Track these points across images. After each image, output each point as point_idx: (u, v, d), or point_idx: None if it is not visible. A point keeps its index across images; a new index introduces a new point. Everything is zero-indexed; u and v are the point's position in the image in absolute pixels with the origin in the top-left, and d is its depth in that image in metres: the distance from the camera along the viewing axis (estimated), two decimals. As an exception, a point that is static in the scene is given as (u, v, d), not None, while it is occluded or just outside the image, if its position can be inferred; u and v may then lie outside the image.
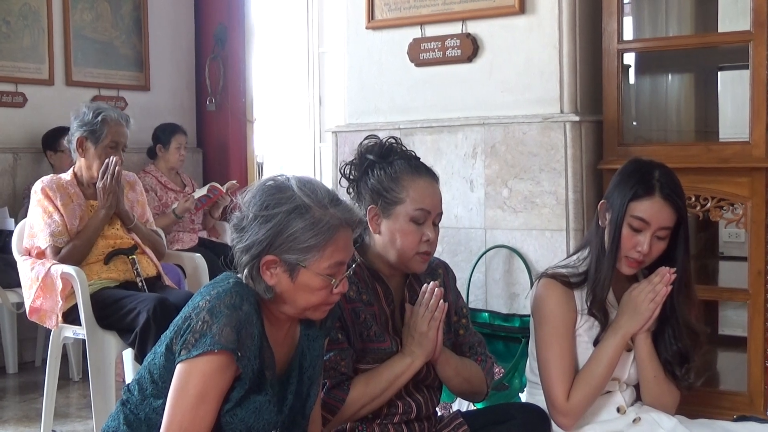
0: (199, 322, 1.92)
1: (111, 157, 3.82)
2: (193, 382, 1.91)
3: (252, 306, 1.98)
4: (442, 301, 2.38)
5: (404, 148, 2.48)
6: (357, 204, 2.45)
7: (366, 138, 2.50)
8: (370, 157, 2.43)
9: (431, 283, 2.41)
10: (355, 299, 2.39)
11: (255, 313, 1.98)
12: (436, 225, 2.42)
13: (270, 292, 2.02)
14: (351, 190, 2.48)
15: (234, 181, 5.85)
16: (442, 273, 2.60)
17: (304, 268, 1.99)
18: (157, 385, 2.02)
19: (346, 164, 2.49)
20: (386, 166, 2.41)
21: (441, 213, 2.45)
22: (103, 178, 3.80)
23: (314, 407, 2.23)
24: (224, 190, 5.60)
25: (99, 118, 3.83)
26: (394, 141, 2.47)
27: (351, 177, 2.48)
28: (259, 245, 1.99)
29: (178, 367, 1.94)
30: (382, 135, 2.53)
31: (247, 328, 1.95)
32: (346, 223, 2.04)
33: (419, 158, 2.49)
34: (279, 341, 2.10)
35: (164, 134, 5.67)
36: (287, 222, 1.98)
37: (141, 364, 2.14)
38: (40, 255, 3.78)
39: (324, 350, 2.26)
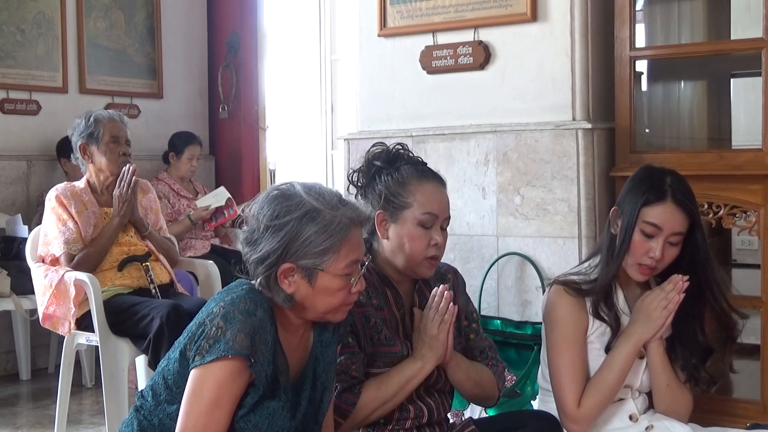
0: (213, 328, 1.93)
1: (128, 165, 3.85)
2: (207, 388, 1.92)
3: (266, 312, 1.99)
4: (452, 304, 2.39)
5: (411, 154, 2.49)
6: None
7: (373, 145, 2.52)
8: (378, 163, 2.45)
9: (441, 286, 2.42)
10: (366, 303, 2.40)
11: (269, 320, 1.99)
12: (444, 229, 2.43)
13: (290, 300, 2.03)
14: (359, 196, 2.49)
15: (229, 197, 5.84)
16: (452, 278, 2.60)
17: (322, 271, 2.00)
18: (171, 390, 2.02)
19: (354, 171, 2.51)
20: (393, 172, 2.42)
21: (449, 217, 2.45)
22: (119, 186, 3.82)
23: (327, 414, 2.23)
24: (239, 211, 5.62)
25: (91, 119, 3.88)
26: (401, 147, 2.49)
27: (359, 184, 2.49)
28: (273, 254, 2.00)
29: (192, 373, 1.94)
30: (394, 142, 2.54)
31: (261, 334, 1.95)
32: (357, 221, 2.05)
33: (426, 163, 2.50)
34: (293, 347, 2.11)
35: (180, 142, 5.70)
36: (299, 228, 1.99)
37: (154, 371, 2.15)
38: (54, 262, 3.79)
39: (337, 356, 2.26)
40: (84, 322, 3.73)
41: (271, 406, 2.01)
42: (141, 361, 3.87)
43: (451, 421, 2.62)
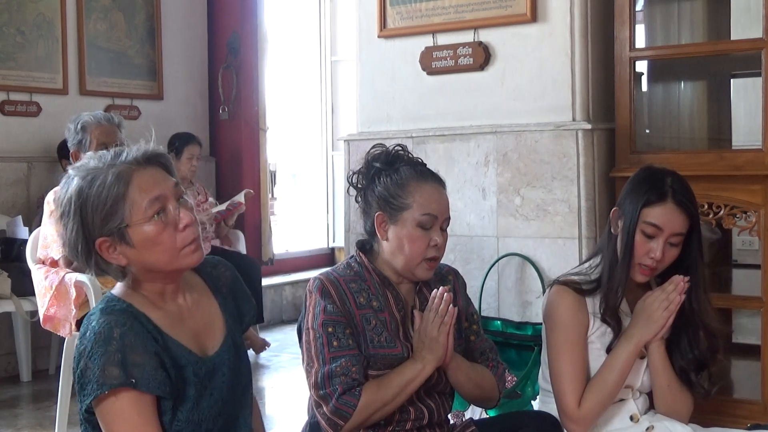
0: (82, 370, 1.87)
1: None
2: (120, 424, 1.86)
3: (124, 325, 1.88)
4: (451, 305, 2.38)
5: (410, 155, 2.49)
6: (365, 213, 2.47)
7: (373, 146, 2.51)
8: (377, 164, 2.45)
9: (440, 288, 2.42)
10: (366, 306, 2.40)
11: (131, 330, 1.88)
12: (443, 230, 2.43)
13: (124, 273, 1.96)
14: (359, 198, 2.49)
15: (250, 190, 5.87)
16: (452, 279, 2.60)
17: (129, 226, 1.90)
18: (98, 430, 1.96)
19: (354, 173, 2.51)
20: (392, 173, 2.42)
21: (448, 218, 2.45)
22: None
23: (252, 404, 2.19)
24: (243, 202, 5.62)
25: (79, 126, 3.87)
26: (400, 148, 2.49)
27: (359, 186, 2.49)
28: (79, 237, 1.92)
29: (98, 417, 1.88)
30: (394, 143, 2.53)
31: (130, 351, 1.86)
32: (139, 162, 1.93)
33: (425, 164, 2.50)
34: (187, 314, 2.04)
35: (179, 142, 5.71)
36: (83, 201, 1.90)
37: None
38: (54, 265, 3.80)
39: (243, 339, 2.20)
40: (84, 324, 3.73)
41: (190, 398, 1.95)
42: (141, 362, 3.87)
43: (451, 422, 2.62)
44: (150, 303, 1.99)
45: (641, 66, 3.93)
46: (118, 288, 2.01)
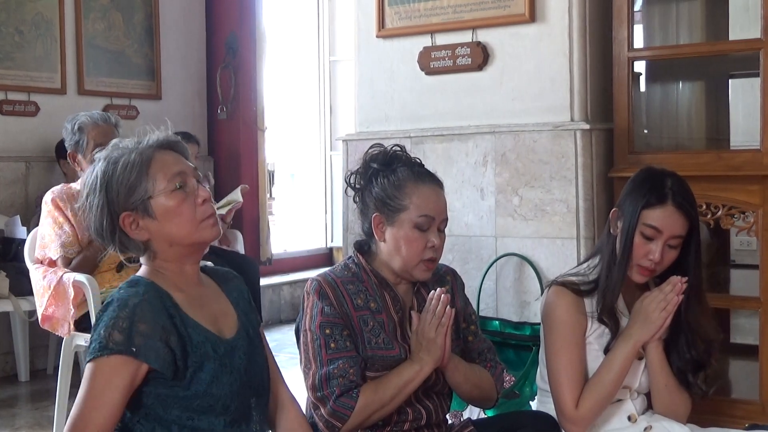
0: (95, 332, 1.96)
1: None
2: (86, 383, 1.93)
3: (140, 297, 1.97)
4: (449, 307, 2.38)
5: (408, 156, 2.48)
6: (362, 214, 2.47)
7: (371, 147, 2.51)
8: (374, 165, 2.45)
9: (438, 289, 2.41)
10: (363, 307, 2.40)
11: (147, 303, 1.97)
12: (441, 231, 2.43)
13: (146, 247, 2.06)
14: (357, 198, 2.49)
15: (245, 185, 5.87)
16: (450, 280, 2.60)
17: (151, 197, 2.02)
18: None
19: (352, 173, 2.50)
20: (389, 174, 2.42)
21: (446, 219, 2.45)
22: None
23: (279, 385, 2.27)
24: (241, 200, 5.62)
25: (76, 127, 3.85)
26: (398, 149, 2.48)
27: (356, 186, 2.49)
28: (104, 212, 2.03)
29: (85, 372, 1.96)
30: (393, 143, 2.53)
31: (140, 319, 1.94)
32: (160, 146, 2.08)
33: (423, 165, 2.49)
34: (208, 301, 2.13)
35: (176, 142, 5.69)
36: (108, 179, 2.03)
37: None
38: (52, 265, 3.79)
39: (258, 321, 2.27)
40: (83, 324, 3.73)
41: (210, 370, 2.01)
42: (140, 362, 3.86)
43: (449, 422, 2.62)
44: (172, 284, 2.07)
45: (639, 66, 3.93)
46: (142, 270, 2.10)
